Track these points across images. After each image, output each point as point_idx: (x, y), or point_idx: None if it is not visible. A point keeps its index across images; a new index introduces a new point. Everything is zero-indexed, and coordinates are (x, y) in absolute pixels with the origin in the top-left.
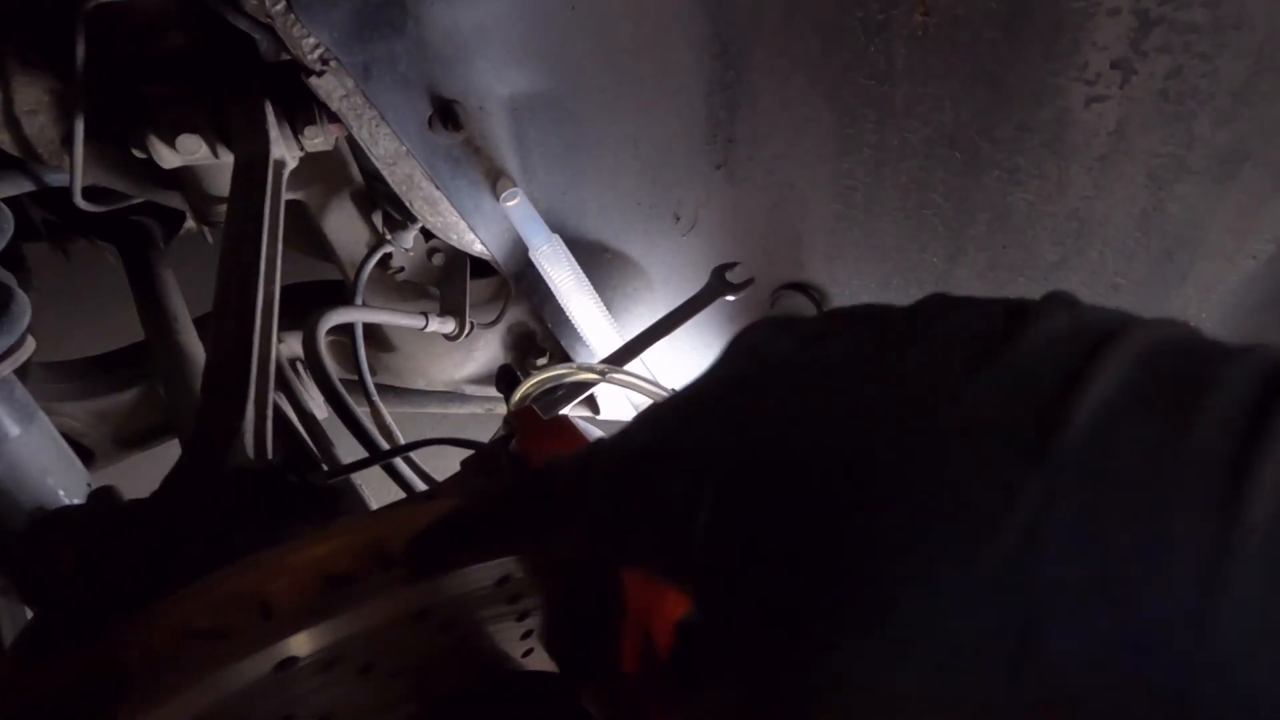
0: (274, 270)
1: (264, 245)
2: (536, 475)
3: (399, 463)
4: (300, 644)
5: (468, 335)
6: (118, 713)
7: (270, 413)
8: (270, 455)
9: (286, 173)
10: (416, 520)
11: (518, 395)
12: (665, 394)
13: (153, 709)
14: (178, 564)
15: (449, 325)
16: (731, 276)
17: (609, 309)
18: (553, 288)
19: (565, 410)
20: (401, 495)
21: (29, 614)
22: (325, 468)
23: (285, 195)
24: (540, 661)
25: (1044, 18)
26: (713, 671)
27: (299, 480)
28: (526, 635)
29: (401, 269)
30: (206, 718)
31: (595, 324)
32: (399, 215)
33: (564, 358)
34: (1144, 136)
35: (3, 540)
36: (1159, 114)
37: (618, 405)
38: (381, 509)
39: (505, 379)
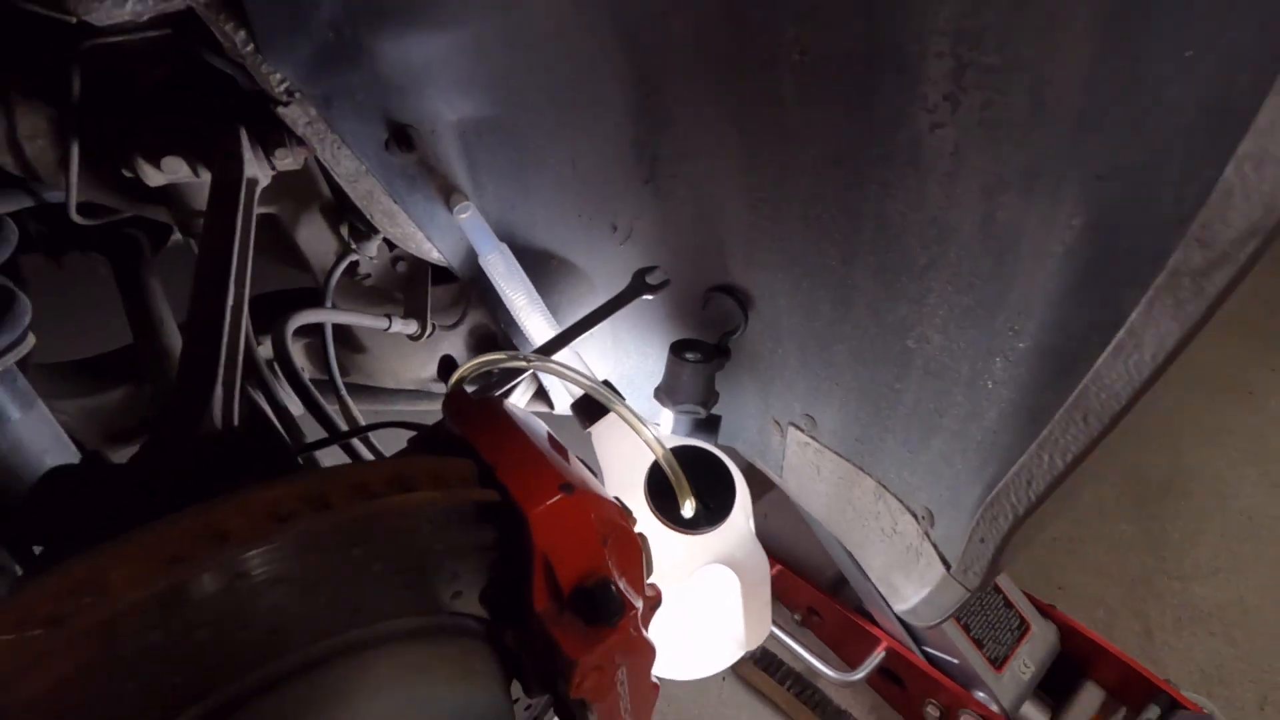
0: (244, 275)
1: (235, 254)
2: None
3: (358, 445)
4: (250, 563)
5: (430, 336)
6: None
7: (237, 394)
8: (236, 428)
9: (259, 190)
10: (349, 477)
11: (453, 380)
12: (588, 381)
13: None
14: (154, 509)
15: (411, 327)
16: (650, 279)
17: (557, 312)
18: (500, 292)
19: (523, 396)
20: None
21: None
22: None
23: (259, 210)
24: (467, 605)
25: (891, 58)
26: None
27: (257, 445)
28: (454, 578)
29: (368, 276)
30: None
31: (538, 324)
32: (363, 227)
33: None
34: (974, 156)
35: (7, 506)
36: (982, 138)
37: (565, 399)
38: (326, 468)
39: (445, 366)
